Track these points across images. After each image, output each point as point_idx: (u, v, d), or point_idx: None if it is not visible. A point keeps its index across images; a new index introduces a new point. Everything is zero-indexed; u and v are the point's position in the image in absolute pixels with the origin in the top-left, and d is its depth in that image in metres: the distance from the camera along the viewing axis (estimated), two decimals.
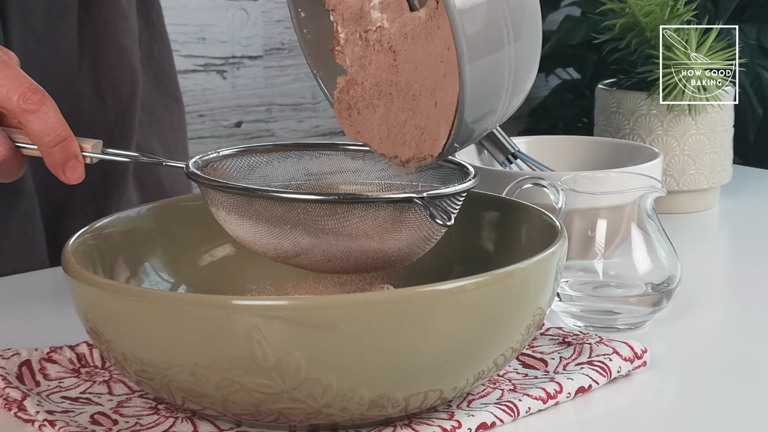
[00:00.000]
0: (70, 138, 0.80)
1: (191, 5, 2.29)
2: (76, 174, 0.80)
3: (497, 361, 0.70)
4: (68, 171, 0.80)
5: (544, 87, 2.74)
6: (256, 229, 0.74)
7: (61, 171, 0.80)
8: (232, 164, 0.80)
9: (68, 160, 0.80)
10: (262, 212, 0.73)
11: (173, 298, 0.73)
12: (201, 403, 0.68)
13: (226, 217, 0.75)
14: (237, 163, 0.80)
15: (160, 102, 1.17)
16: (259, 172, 0.81)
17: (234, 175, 0.80)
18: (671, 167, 1.20)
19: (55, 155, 0.79)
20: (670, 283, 0.87)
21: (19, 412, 0.73)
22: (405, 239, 0.73)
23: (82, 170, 0.80)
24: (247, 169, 0.80)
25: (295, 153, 0.82)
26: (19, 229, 1.05)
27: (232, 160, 0.80)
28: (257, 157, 0.81)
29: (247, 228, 0.74)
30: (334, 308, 0.64)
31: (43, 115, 0.79)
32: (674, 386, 0.79)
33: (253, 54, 2.38)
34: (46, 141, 0.79)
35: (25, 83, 0.80)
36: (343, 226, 0.72)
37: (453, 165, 0.79)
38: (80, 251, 0.75)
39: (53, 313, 0.91)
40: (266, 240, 0.74)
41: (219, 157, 0.80)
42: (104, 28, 1.09)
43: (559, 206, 0.89)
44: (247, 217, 0.73)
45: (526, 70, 0.73)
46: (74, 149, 0.80)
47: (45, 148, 0.79)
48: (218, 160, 0.80)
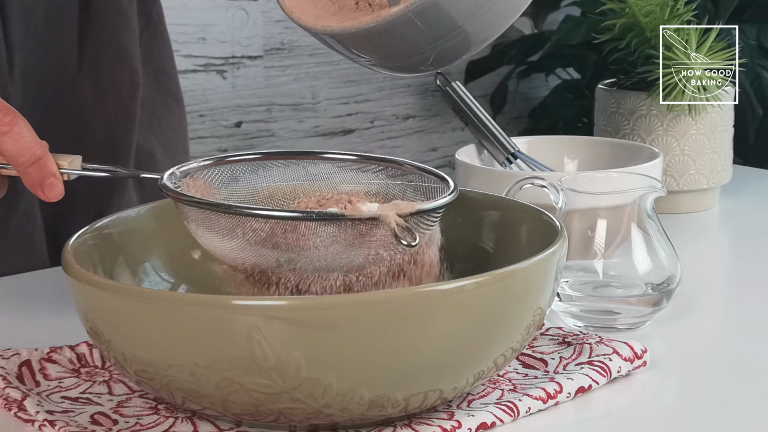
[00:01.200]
0: (46, 156, 0.79)
1: (191, 5, 2.29)
2: (55, 192, 0.80)
3: (497, 361, 0.70)
4: (46, 189, 0.80)
5: (544, 87, 2.75)
6: (224, 243, 0.74)
7: (39, 190, 0.80)
8: (214, 173, 0.79)
9: (45, 179, 0.79)
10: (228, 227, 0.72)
11: (173, 298, 0.73)
12: (201, 403, 0.68)
13: (195, 231, 0.75)
14: (218, 174, 0.80)
15: (161, 102, 1.17)
16: (242, 182, 0.80)
17: (215, 185, 0.79)
18: (671, 167, 1.20)
19: (31, 175, 0.79)
20: (670, 283, 0.87)
21: (19, 412, 0.73)
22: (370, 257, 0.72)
23: (60, 188, 0.80)
24: (229, 177, 0.80)
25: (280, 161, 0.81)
26: (19, 230, 1.05)
27: (212, 169, 0.79)
28: (239, 166, 0.80)
29: (216, 242, 0.74)
30: (334, 308, 0.64)
31: (17, 136, 0.79)
32: (674, 386, 0.79)
33: (253, 54, 2.38)
34: (21, 161, 0.79)
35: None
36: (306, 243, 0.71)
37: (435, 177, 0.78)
38: (80, 251, 0.75)
39: (53, 313, 0.91)
40: (235, 254, 0.74)
41: (198, 167, 0.79)
42: (105, 28, 1.09)
43: (559, 206, 0.89)
44: (215, 232, 0.73)
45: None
46: (51, 167, 0.79)
47: (21, 168, 0.79)
48: (197, 170, 0.79)
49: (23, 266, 1.05)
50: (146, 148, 1.14)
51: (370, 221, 0.71)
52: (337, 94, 2.51)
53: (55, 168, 0.80)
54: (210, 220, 0.73)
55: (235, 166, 0.80)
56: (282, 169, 0.81)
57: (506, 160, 1.12)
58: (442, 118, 2.67)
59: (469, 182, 1.06)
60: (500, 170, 1.10)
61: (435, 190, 0.78)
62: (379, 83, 2.55)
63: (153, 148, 1.15)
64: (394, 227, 0.69)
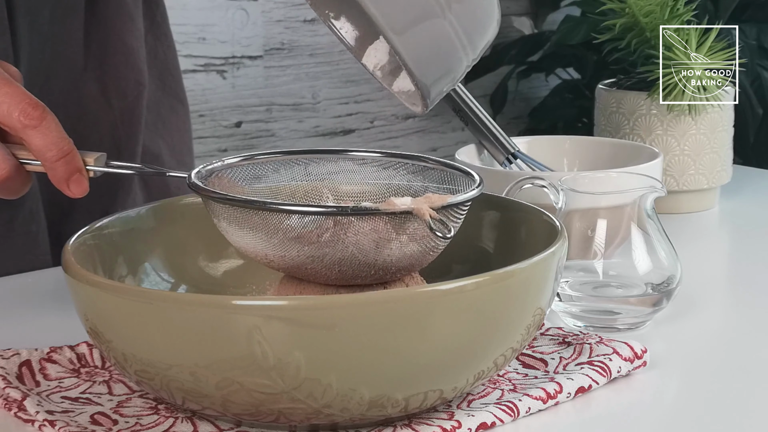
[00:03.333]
0: (74, 152, 0.80)
1: (191, 5, 2.29)
2: (81, 188, 0.80)
3: (497, 361, 0.70)
4: (72, 185, 0.80)
5: (544, 87, 2.75)
6: (257, 240, 0.74)
7: (65, 185, 0.80)
8: (237, 173, 0.79)
9: (72, 174, 0.80)
10: (262, 224, 0.72)
11: (173, 298, 0.73)
12: (201, 403, 0.68)
13: (227, 228, 0.75)
14: (242, 172, 0.80)
15: (165, 103, 1.18)
16: (266, 180, 0.80)
17: (239, 183, 0.79)
18: (671, 167, 1.20)
19: (58, 170, 0.79)
20: (670, 283, 0.87)
21: (19, 412, 0.73)
22: (405, 251, 0.72)
23: (86, 184, 0.80)
24: (253, 177, 0.80)
25: (303, 159, 0.81)
26: (23, 229, 1.05)
27: (236, 169, 0.80)
28: (262, 166, 0.80)
29: (247, 239, 0.74)
30: (334, 308, 0.64)
31: (45, 130, 0.79)
32: (674, 386, 0.80)
33: (253, 54, 2.38)
34: (48, 156, 0.79)
35: (26, 99, 0.80)
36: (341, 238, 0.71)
37: (459, 171, 0.79)
38: (80, 251, 0.75)
39: (53, 313, 0.91)
40: (267, 251, 0.74)
41: (224, 166, 0.79)
42: (110, 28, 1.09)
43: (559, 206, 0.89)
44: (248, 229, 0.73)
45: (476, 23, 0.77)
46: (78, 163, 0.80)
47: (48, 163, 0.79)
48: (222, 169, 0.79)
49: (27, 265, 1.05)
50: (152, 149, 1.14)
51: (404, 215, 0.71)
52: (337, 94, 2.51)
53: (82, 164, 0.80)
54: (242, 218, 0.73)
55: (259, 165, 0.80)
56: (303, 167, 0.81)
57: (506, 160, 1.12)
58: (442, 118, 2.67)
59: None
60: (500, 170, 1.10)
61: (460, 183, 0.78)
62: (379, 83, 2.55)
63: (159, 148, 1.15)
64: (429, 220, 0.70)
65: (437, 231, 0.70)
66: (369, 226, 0.71)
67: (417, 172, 0.80)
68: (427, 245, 0.73)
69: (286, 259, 0.73)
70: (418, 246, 0.72)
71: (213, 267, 0.86)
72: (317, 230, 0.72)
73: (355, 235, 0.71)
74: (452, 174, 0.79)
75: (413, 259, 0.73)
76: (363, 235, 0.71)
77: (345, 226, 0.71)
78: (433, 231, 0.70)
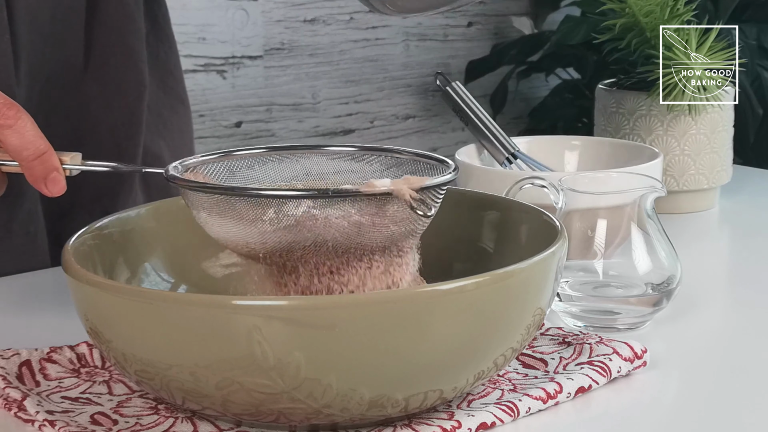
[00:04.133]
0: (50, 151, 0.80)
1: (191, 5, 2.29)
2: (58, 186, 0.80)
3: (497, 361, 0.70)
4: (50, 184, 0.80)
5: (544, 87, 2.75)
6: (237, 229, 0.74)
7: (42, 184, 0.80)
8: (212, 168, 0.80)
9: (49, 173, 0.80)
10: (243, 211, 0.72)
11: (173, 298, 0.73)
12: (201, 403, 0.68)
13: (207, 219, 0.75)
14: (217, 168, 0.80)
15: (167, 104, 1.18)
16: (240, 175, 0.80)
17: (214, 179, 0.79)
18: (671, 167, 1.20)
19: (35, 169, 0.79)
20: (670, 283, 0.87)
21: (19, 412, 0.73)
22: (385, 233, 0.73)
23: (63, 182, 0.80)
24: (227, 172, 0.80)
25: (276, 156, 0.81)
26: (22, 229, 1.05)
27: (212, 164, 0.80)
28: (237, 162, 0.80)
29: (227, 228, 0.74)
30: (334, 308, 0.64)
31: (21, 129, 0.79)
32: (674, 386, 0.79)
33: (253, 54, 2.38)
34: (25, 155, 0.79)
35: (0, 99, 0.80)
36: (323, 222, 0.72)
37: (434, 160, 0.79)
38: (80, 251, 0.75)
39: (53, 313, 0.91)
40: (248, 238, 0.74)
41: (198, 162, 0.79)
42: (111, 29, 1.09)
43: (559, 206, 0.89)
44: (226, 217, 0.73)
45: None
46: (54, 162, 0.80)
47: (25, 163, 0.79)
48: (198, 165, 0.79)
49: (26, 266, 1.05)
50: (153, 150, 1.14)
51: (384, 196, 0.71)
52: (337, 94, 2.51)
53: (58, 163, 0.80)
54: (220, 206, 0.73)
55: (234, 162, 0.80)
56: (277, 163, 0.81)
57: (506, 160, 1.12)
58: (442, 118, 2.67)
59: (469, 182, 1.06)
60: (500, 170, 1.10)
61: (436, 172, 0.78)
62: (379, 83, 2.55)
63: (160, 149, 1.15)
64: (409, 199, 0.71)
65: (418, 210, 0.71)
66: (350, 209, 0.71)
67: (394, 165, 0.80)
68: (407, 227, 0.73)
69: (267, 245, 0.73)
70: (399, 228, 0.73)
71: (213, 267, 0.86)
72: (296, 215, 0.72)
73: (336, 218, 0.71)
74: (427, 163, 0.79)
75: (395, 240, 0.73)
76: (343, 219, 0.71)
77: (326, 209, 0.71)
78: (414, 210, 0.71)
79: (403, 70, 2.59)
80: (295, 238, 0.72)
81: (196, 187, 0.74)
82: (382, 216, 0.72)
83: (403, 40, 2.59)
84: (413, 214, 0.72)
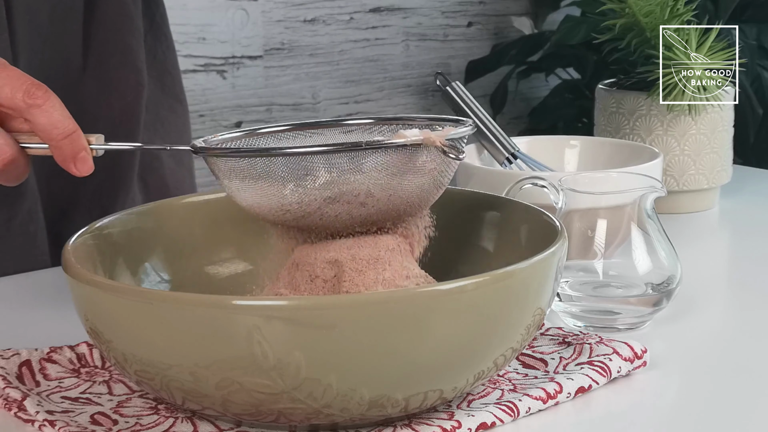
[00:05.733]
0: (78, 131, 0.80)
1: (191, 5, 2.29)
2: (87, 166, 0.80)
3: (497, 361, 0.70)
4: (78, 163, 0.80)
5: (544, 87, 2.75)
6: (271, 191, 0.75)
7: (71, 164, 0.80)
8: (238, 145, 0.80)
9: (78, 153, 0.80)
10: (275, 171, 0.74)
11: (173, 298, 0.73)
12: (201, 403, 0.68)
13: (239, 187, 0.76)
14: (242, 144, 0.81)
15: (164, 103, 1.18)
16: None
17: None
18: (671, 167, 1.20)
19: (64, 148, 0.80)
20: (670, 283, 0.87)
21: (19, 412, 0.73)
22: (416, 184, 0.74)
23: (91, 162, 0.81)
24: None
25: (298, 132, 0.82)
26: (21, 229, 1.06)
27: (237, 142, 0.81)
28: (261, 139, 0.81)
29: (261, 192, 0.75)
30: (334, 308, 0.64)
31: (50, 109, 0.79)
32: (674, 386, 0.80)
33: (253, 54, 2.38)
34: (54, 134, 0.79)
35: (27, 80, 0.80)
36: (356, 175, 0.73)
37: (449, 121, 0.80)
38: (80, 251, 0.75)
39: (53, 313, 0.91)
40: (284, 200, 0.75)
41: (223, 140, 0.80)
42: (110, 28, 1.09)
43: (559, 206, 0.89)
44: (261, 179, 0.74)
45: None
46: (82, 141, 0.80)
47: (54, 142, 0.80)
48: (223, 142, 0.80)
49: (25, 266, 1.05)
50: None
51: (415, 146, 0.73)
52: (337, 94, 2.51)
53: (86, 143, 0.80)
54: (254, 169, 0.74)
55: (258, 139, 0.81)
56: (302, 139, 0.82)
57: (506, 160, 1.12)
58: None
59: (469, 182, 1.06)
60: (500, 170, 1.10)
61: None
62: (379, 83, 2.55)
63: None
64: (440, 144, 0.73)
65: (450, 153, 0.73)
66: (382, 159, 0.73)
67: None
68: (436, 179, 0.75)
69: (303, 205, 0.74)
70: (429, 178, 0.75)
71: (213, 267, 0.86)
72: (330, 170, 0.73)
73: (369, 171, 0.73)
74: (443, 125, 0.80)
75: (422, 195, 0.75)
76: (376, 171, 0.73)
77: (359, 162, 0.73)
78: (447, 154, 0.73)
79: (403, 70, 2.59)
80: (331, 194, 0.74)
81: (229, 153, 0.75)
82: (413, 165, 0.74)
83: (403, 40, 2.59)
84: (445, 159, 0.74)
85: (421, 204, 0.77)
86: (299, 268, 0.76)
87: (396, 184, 0.74)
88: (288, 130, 0.82)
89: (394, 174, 0.73)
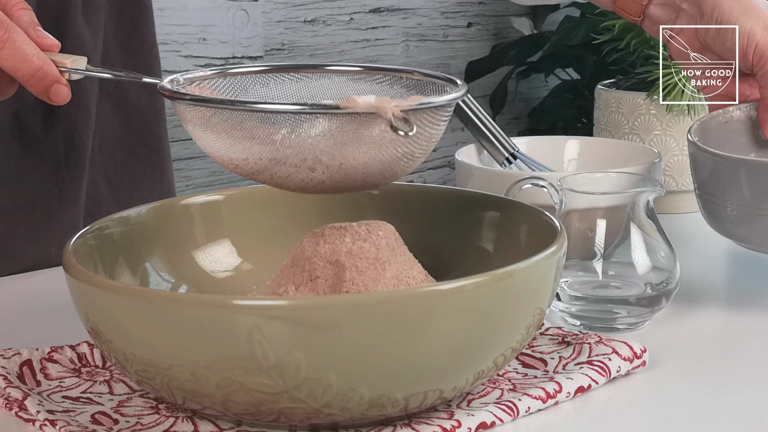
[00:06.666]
0: (45, 66, 0.79)
1: (191, 5, 2.29)
2: (61, 97, 0.79)
3: (497, 361, 0.70)
4: (53, 96, 0.79)
5: (543, 87, 2.75)
6: (219, 142, 0.72)
7: (46, 98, 0.80)
8: (221, 84, 0.78)
9: (50, 87, 0.79)
10: (222, 123, 0.71)
11: (173, 298, 0.73)
12: (201, 402, 0.68)
13: (193, 131, 0.74)
14: (226, 83, 0.78)
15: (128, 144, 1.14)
16: (252, 92, 0.78)
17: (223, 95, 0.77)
18: (671, 167, 1.20)
19: (34, 86, 0.79)
20: (669, 283, 0.87)
21: (20, 412, 0.73)
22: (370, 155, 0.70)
23: (66, 92, 0.79)
24: (240, 89, 0.78)
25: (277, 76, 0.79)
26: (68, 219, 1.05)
27: (220, 79, 0.78)
28: (248, 78, 0.79)
29: (211, 141, 0.73)
30: (334, 308, 0.64)
31: (11, 51, 0.78)
32: (674, 386, 0.80)
33: (253, 54, 2.38)
34: (20, 75, 0.79)
35: None
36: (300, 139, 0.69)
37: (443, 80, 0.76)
38: (80, 251, 0.75)
39: (54, 313, 0.91)
40: (230, 153, 0.72)
41: (193, 78, 0.78)
42: None
43: (559, 206, 0.89)
44: (210, 129, 0.72)
45: None
46: (52, 75, 0.79)
47: (23, 81, 0.79)
48: (191, 81, 0.78)
49: None
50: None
51: (368, 115, 0.68)
52: None
53: (58, 74, 0.79)
54: (204, 118, 0.72)
55: (242, 79, 0.79)
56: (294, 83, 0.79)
57: (506, 160, 1.12)
58: None
59: (469, 182, 1.06)
60: (500, 170, 1.11)
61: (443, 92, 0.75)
62: None
63: None
64: (390, 117, 0.67)
65: (399, 129, 0.67)
66: (329, 125, 0.68)
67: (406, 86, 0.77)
68: (394, 151, 0.70)
69: (249, 162, 0.72)
70: (389, 151, 0.70)
71: (213, 267, 0.86)
72: (274, 129, 0.69)
73: (315, 136, 0.68)
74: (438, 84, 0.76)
75: (383, 167, 0.70)
76: (323, 137, 0.68)
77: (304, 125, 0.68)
78: (394, 129, 0.67)
79: None
80: (276, 155, 0.70)
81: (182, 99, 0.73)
82: (367, 135, 0.68)
83: (403, 40, 2.59)
84: (393, 133, 0.68)
85: (384, 176, 0.71)
86: (300, 268, 0.77)
87: (348, 154, 0.69)
88: (261, 71, 0.79)
89: (343, 143, 0.68)
